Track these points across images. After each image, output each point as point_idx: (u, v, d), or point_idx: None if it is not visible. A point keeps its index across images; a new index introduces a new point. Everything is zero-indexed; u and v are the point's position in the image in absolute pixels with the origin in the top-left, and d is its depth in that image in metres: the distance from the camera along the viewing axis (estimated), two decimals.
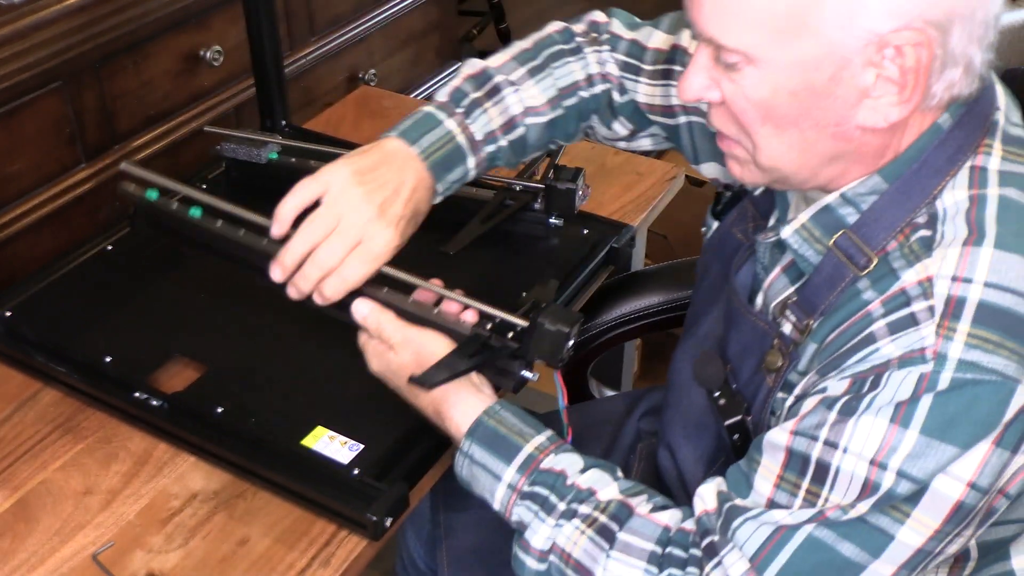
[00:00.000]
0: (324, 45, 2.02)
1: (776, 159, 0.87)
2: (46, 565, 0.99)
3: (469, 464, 0.98)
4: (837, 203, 0.89)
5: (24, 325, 1.21)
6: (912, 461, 0.79)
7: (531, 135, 1.13)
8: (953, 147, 0.86)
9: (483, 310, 1.02)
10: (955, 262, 0.81)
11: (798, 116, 0.83)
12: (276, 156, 1.43)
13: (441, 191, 1.07)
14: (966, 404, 0.78)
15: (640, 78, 1.14)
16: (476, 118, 1.09)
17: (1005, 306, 0.79)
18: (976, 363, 0.78)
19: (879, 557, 0.81)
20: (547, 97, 1.13)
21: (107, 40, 1.55)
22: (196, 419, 1.10)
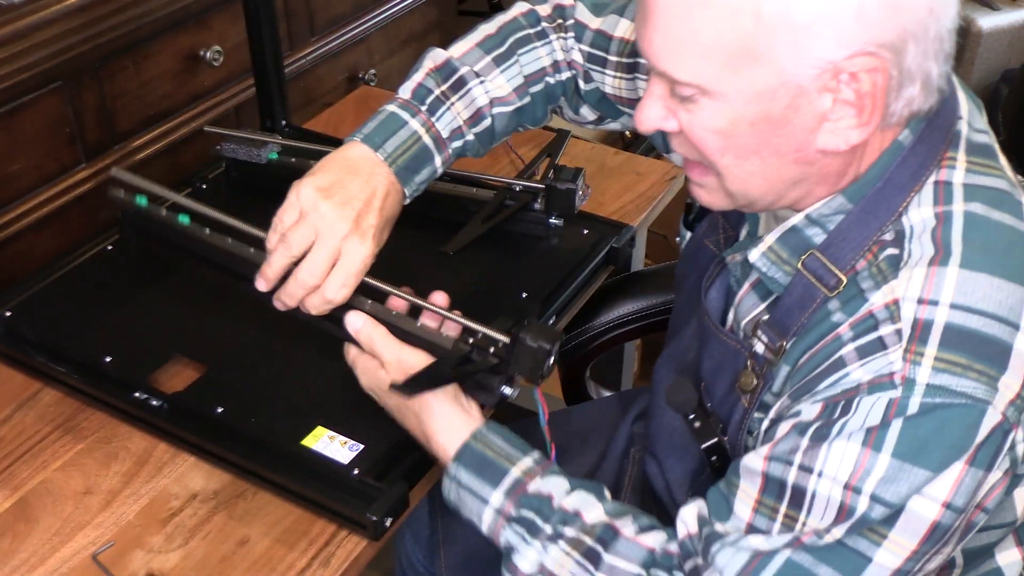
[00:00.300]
0: (324, 45, 2.02)
1: (740, 185, 0.87)
2: (46, 565, 0.99)
3: (456, 488, 0.98)
4: (803, 224, 0.89)
5: (24, 325, 1.21)
6: (885, 485, 0.78)
7: (498, 124, 1.12)
8: (916, 163, 0.85)
9: (466, 324, 1.02)
10: (920, 284, 0.81)
11: (758, 145, 0.83)
12: (276, 156, 1.43)
13: (409, 194, 1.07)
14: (936, 428, 0.78)
15: (606, 70, 1.13)
16: (441, 115, 1.08)
17: (971, 328, 0.79)
18: (945, 387, 0.78)
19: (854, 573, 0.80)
20: (514, 86, 1.12)
21: (107, 40, 1.55)
22: (196, 419, 1.10)
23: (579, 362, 1.50)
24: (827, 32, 0.76)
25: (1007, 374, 0.79)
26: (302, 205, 1.00)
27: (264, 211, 1.42)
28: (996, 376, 0.79)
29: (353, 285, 1.01)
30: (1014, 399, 0.80)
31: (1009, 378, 0.79)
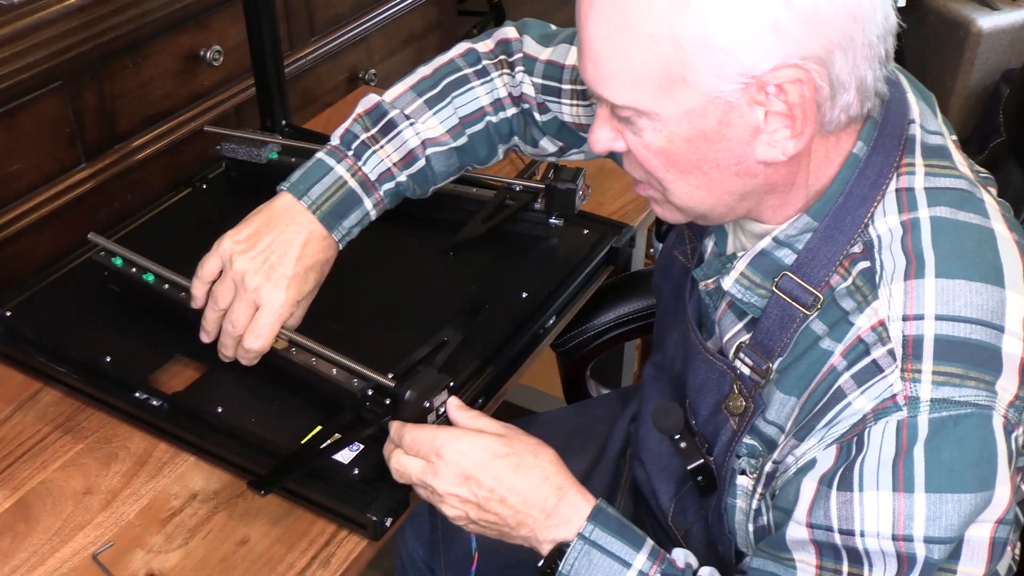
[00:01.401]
0: (324, 45, 2.02)
1: (687, 200, 0.89)
2: (46, 565, 0.99)
3: (588, 550, 0.91)
4: (771, 247, 0.90)
5: (24, 325, 1.21)
6: (932, 524, 0.79)
7: (436, 164, 1.14)
8: (873, 174, 0.86)
9: (362, 373, 1.05)
10: (902, 300, 0.82)
11: (698, 160, 0.84)
12: (276, 156, 1.43)
13: (339, 238, 1.11)
14: (956, 448, 0.79)
15: (562, 99, 1.15)
16: (367, 159, 1.11)
17: (960, 336, 0.80)
18: (948, 399, 0.79)
19: None
20: (447, 127, 1.14)
21: (107, 40, 1.55)
22: (196, 419, 1.10)
23: (579, 361, 1.50)
24: (745, 50, 0.78)
25: (1002, 377, 0.80)
26: (222, 259, 1.09)
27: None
28: (992, 381, 0.80)
29: (268, 335, 1.08)
30: (1013, 400, 0.81)
31: (1005, 381, 0.80)
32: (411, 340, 1.14)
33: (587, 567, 0.90)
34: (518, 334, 1.21)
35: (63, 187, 1.55)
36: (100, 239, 1.26)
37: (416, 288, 1.29)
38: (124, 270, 1.23)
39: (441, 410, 1.01)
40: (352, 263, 1.32)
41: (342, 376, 1.07)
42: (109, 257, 1.24)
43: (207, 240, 1.35)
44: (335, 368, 1.08)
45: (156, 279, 1.20)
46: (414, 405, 0.99)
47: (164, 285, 1.20)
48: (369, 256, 1.33)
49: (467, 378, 1.14)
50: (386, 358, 1.08)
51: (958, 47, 2.94)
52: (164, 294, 1.19)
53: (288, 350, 1.11)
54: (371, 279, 1.29)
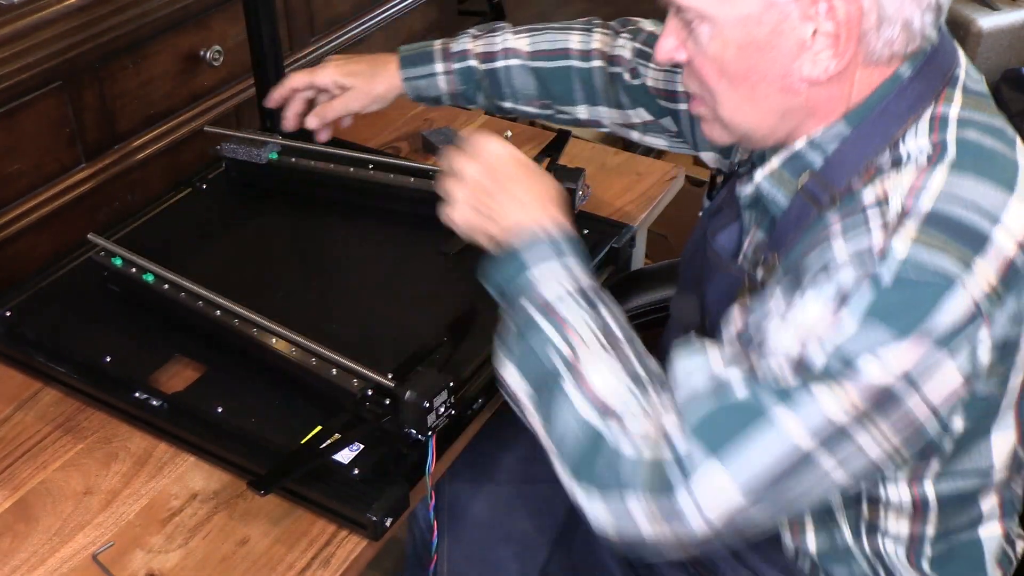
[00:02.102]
0: (324, 45, 2.02)
1: (734, 113, 0.94)
2: (46, 565, 0.99)
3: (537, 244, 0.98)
4: (805, 149, 0.94)
5: (24, 325, 1.21)
6: (844, 341, 0.81)
7: (514, 77, 1.31)
8: (914, 95, 0.91)
9: (362, 373, 1.06)
10: (912, 179, 0.85)
11: (747, 70, 0.90)
12: (276, 156, 1.43)
13: (404, 77, 1.34)
14: (906, 297, 0.81)
15: (651, 63, 1.25)
16: (458, 39, 1.34)
17: (954, 213, 0.83)
18: (919, 262, 0.81)
19: (796, 415, 0.82)
20: (532, 49, 1.30)
21: (107, 40, 1.54)
22: (196, 419, 1.10)
23: None
24: None
25: (983, 258, 0.82)
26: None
27: (264, 211, 1.42)
28: (971, 260, 0.81)
29: (309, 75, 1.38)
30: (989, 292, 0.82)
31: (985, 263, 0.82)
32: (411, 340, 1.14)
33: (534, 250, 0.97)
34: None
35: (63, 187, 1.55)
36: (100, 239, 1.26)
37: (416, 288, 1.29)
38: (124, 270, 1.23)
39: (441, 410, 1.01)
40: (352, 263, 1.32)
41: (342, 376, 1.07)
42: (109, 257, 1.24)
43: (207, 240, 1.36)
44: (335, 368, 1.08)
45: (156, 279, 1.21)
46: (414, 405, 0.99)
47: (164, 285, 1.20)
48: (369, 256, 1.33)
49: (467, 378, 1.14)
50: (386, 358, 1.08)
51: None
52: (164, 294, 1.19)
53: (288, 350, 1.11)
54: (371, 279, 1.29)
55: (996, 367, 0.86)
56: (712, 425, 0.84)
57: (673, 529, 0.86)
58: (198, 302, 1.17)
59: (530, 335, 0.94)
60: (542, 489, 1.27)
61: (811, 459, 0.83)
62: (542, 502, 1.26)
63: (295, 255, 1.38)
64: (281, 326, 1.12)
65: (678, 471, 0.84)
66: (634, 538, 0.88)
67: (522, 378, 0.95)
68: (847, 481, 0.85)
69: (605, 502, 0.88)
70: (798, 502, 0.87)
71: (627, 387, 0.90)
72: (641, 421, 0.88)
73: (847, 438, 0.82)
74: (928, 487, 0.95)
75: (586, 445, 0.89)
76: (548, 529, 1.25)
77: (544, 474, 1.29)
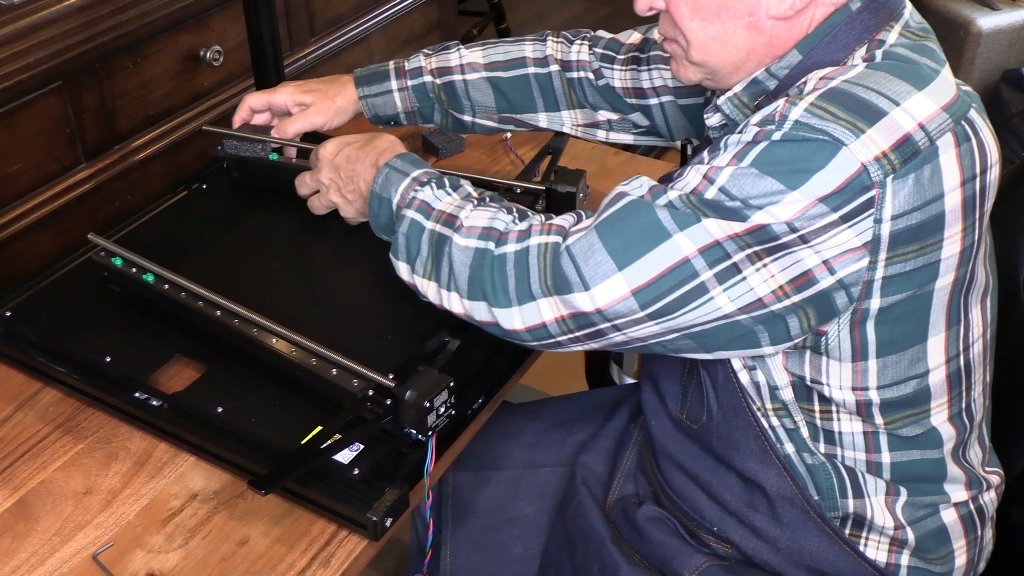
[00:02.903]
0: (324, 45, 2.03)
1: (704, 51, 1.03)
2: (46, 565, 0.99)
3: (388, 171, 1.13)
4: (763, 76, 1.03)
5: (24, 325, 1.21)
6: (733, 181, 0.91)
7: (472, 90, 1.36)
8: (860, 26, 0.99)
9: (362, 373, 1.06)
10: (828, 71, 0.96)
11: (719, 7, 1.00)
12: (276, 157, 1.43)
13: (360, 95, 1.38)
14: (791, 152, 0.89)
15: (615, 66, 1.34)
16: (411, 58, 1.38)
17: (854, 92, 0.92)
18: (809, 124, 0.90)
19: (684, 230, 0.92)
20: (488, 60, 1.36)
21: (107, 40, 1.55)
22: (196, 419, 1.10)
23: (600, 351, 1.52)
24: None
25: (874, 129, 0.89)
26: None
27: (264, 211, 1.42)
28: (862, 127, 0.89)
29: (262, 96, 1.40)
30: (880, 156, 0.88)
31: (876, 133, 0.89)
32: (411, 340, 1.14)
33: (388, 181, 1.13)
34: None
35: (63, 187, 1.55)
36: (100, 239, 1.26)
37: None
38: (124, 270, 1.23)
39: (441, 410, 1.01)
40: (352, 263, 1.32)
41: (342, 376, 1.07)
42: (109, 257, 1.24)
43: (207, 240, 1.36)
44: (335, 368, 1.08)
45: (156, 279, 1.21)
46: (414, 405, 0.99)
47: (164, 285, 1.20)
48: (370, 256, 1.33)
49: (467, 378, 1.14)
50: (386, 358, 1.08)
51: (958, 47, 2.94)
52: (164, 294, 1.19)
53: (288, 350, 1.12)
54: (371, 279, 1.29)
55: (906, 245, 0.91)
56: (611, 223, 0.95)
57: (567, 304, 0.97)
58: (198, 302, 1.17)
59: (401, 226, 1.08)
60: (543, 474, 1.30)
61: (695, 272, 0.92)
62: (544, 485, 1.30)
63: (295, 255, 1.38)
64: (281, 326, 1.12)
65: (569, 257, 0.96)
66: (537, 325, 1.00)
67: (407, 264, 1.09)
68: (740, 316, 0.93)
69: (500, 305, 1.01)
70: (693, 326, 0.95)
71: (495, 211, 1.05)
72: (518, 224, 1.03)
73: (725, 255, 0.91)
74: (872, 393, 1.00)
75: (473, 265, 1.02)
76: (548, 510, 1.28)
77: (546, 459, 1.32)
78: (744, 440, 1.06)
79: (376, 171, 1.14)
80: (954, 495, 1.07)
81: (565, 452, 1.32)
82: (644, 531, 1.15)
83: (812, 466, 1.05)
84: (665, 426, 1.15)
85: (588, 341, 1.00)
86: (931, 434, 1.04)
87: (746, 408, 1.05)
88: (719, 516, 1.11)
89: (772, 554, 1.09)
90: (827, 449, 1.05)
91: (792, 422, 1.05)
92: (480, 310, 1.03)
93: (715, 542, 1.12)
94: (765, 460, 1.06)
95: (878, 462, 1.04)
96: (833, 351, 0.98)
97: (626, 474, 1.25)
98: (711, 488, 1.11)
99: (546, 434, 1.34)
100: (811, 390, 1.02)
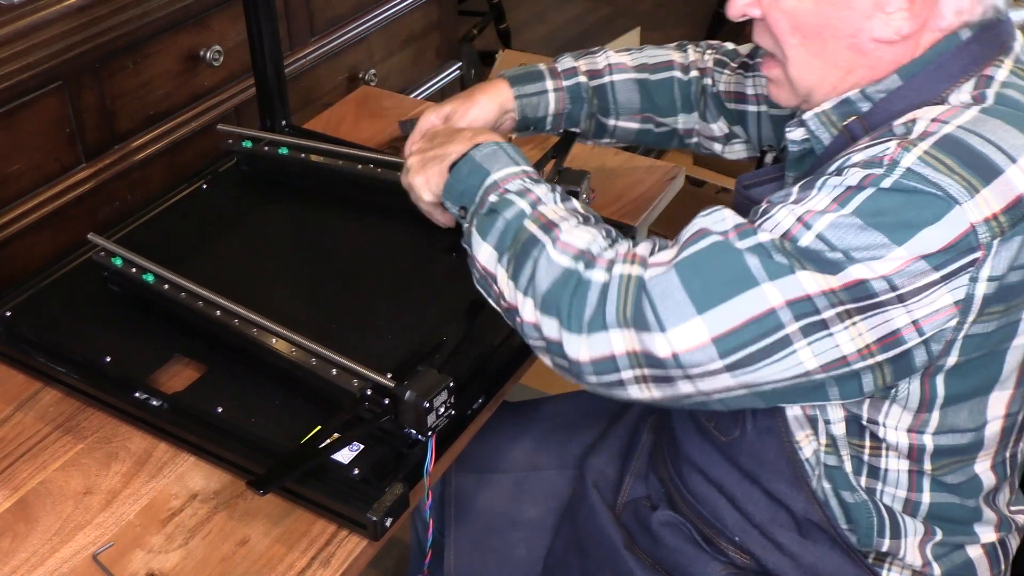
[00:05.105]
0: (324, 45, 2.03)
1: (802, 69, 0.99)
2: (46, 565, 0.99)
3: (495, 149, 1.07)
4: (856, 97, 0.98)
5: (24, 325, 1.21)
6: (834, 230, 0.85)
7: (619, 91, 1.32)
8: (968, 57, 0.93)
9: (362, 373, 1.05)
10: (940, 112, 0.89)
11: (821, 26, 0.95)
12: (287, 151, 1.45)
13: (515, 95, 1.30)
14: (900, 204, 0.84)
15: (724, 71, 1.32)
16: (560, 60, 1.34)
17: (969, 143, 0.86)
18: (922, 175, 0.84)
19: (773, 280, 0.86)
20: (635, 64, 1.34)
21: (107, 40, 1.55)
22: (196, 419, 1.10)
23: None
24: None
25: (989, 189, 0.84)
26: None
27: (264, 211, 1.42)
28: (977, 186, 0.84)
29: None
30: (989, 218, 0.83)
31: (990, 194, 0.84)
32: (410, 340, 1.14)
33: (492, 157, 1.06)
34: (518, 334, 1.21)
35: (63, 187, 1.55)
36: (100, 239, 1.26)
37: (416, 288, 1.29)
38: (124, 270, 1.23)
39: (441, 410, 1.01)
40: (352, 263, 1.32)
41: (342, 376, 1.07)
42: (109, 257, 1.25)
43: (207, 240, 1.36)
44: (335, 368, 1.08)
45: (156, 279, 1.21)
46: (414, 405, 0.99)
47: (164, 285, 1.20)
48: (370, 256, 1.33)
49: (467, 378, 1.14)
50: (386, 358, 1.08)
51: None
52: (164, 294, 1.19)
53: (288, 350, 1.12)
54: (371, 279, 1.29)
55: (994, 305, 0.87)
56: (693, 264, 0.89)
57: (641, 341, 0.90)
58: (198, 302, 1.17)
59: (506, 211, 1.01)
60: (546, 476, 1.30)
61: (780, 324, 0.86)
62: (547, 488, 1.29)
63: (295, 255, 1.38)
64: (281, 326, 1.12)
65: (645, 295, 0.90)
66: (605, 357, 0.92)
67: (494, 250, 1.01)
68: (820, 373, 0.88)
69: (573, 331, 0.94)
70: (768, 383, 0.89)
71: (595, 235, 0.98)
72: (610, 250, 0.96)
73: (814, 309, 0.85)
74: (927, 438, 0.98)
75: (558, 282, 0.95)
76: (553, 513, 1.27)
77: (548, 462, 1.32)
78: (775, 462, 1.04)
79: (474, 145, 1.07)
80: (983, 536, 1.06)
81: (569, 454, 1.31)
82: (659, 536, 1.14)
83: (852, 504, 1.03)
84: (691, 433, 1.12)
85: (652, 386, 0.93)
86: (973, 482, 1.02)
87: (782, 430, 1.02)
88: (741, 527, 1.09)
89: (793, 569, 1.07)
90: (868, 483, 1.02)
91: (837, 459, 1.01)
92: (551, 327, 0.96)
93: (733, 551, 1.10)
94: (795, 485, 1.04)
95: (917, 501, 1.02)
96: (899, 399, 0.95)
97: (636, 476, 1.23)
98: (735, 500, 1.09)
99: (548, 436, 1.34)
100: (864, 428, 0.99)
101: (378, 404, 1.03)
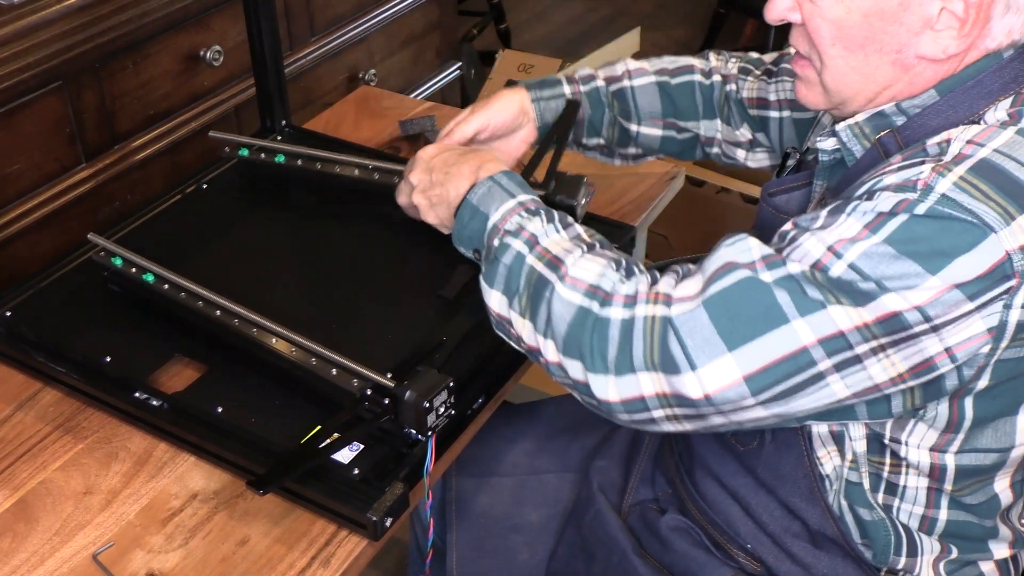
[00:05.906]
0: (324, 45, 2.03)
1: (839, 79, 0.96)
2: (46, 565, 0.99)
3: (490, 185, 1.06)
4: (891, 111, 0.96)
5: (24, 325, 1.21)
6: (867, 260, 0.83)
7: (639, 96, 1.30)
8: (1009, 76, 0.92)
9: (362, 373, 1.05)
10: (976, 132, 0.87)
11: (866, 39, 0.92)
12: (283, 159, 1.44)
13: (532, 98, 1.28)
14: (935, 232, 0.82)
15: (748, 78, 1.31)
16: (577, 69, 1.33)
17: (1006, 167, 0.84)
18: (957, 201, 0.82)
19: (804, 316, 0.84)
20: (654, 68, 1.32)
21: (107, 40, 1.55)
22: (196, 419, 1.10)
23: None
24: None
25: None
26: None
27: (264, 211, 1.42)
28: (1013, 213, 0.82)
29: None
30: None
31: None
32: (410, 340, 1.14)
33: (488, 197, 1.06)
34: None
35: (63, 187, 1.55)
36: (100, 239, 1.26)
37: (416, 288, 1.29)
38: (124, 270, 1.23)
39: (441, 410, 1.01)
40: (352, 263, 1.32)
41: (342, 376, 1.07)
42: (109, 257, 1.25)
43: (207, 240, 1.36)
44: (334, 368, 1.08)
45: (156, 279, 1.21)
46: (414, 405, 0.99)
47: (164, 285, 1.20)
48: (369, 256, 1.33)
49: (467, 378, 1.14)
50: (385, 358, 1.08)
51: None
52: (164, 294, 1.19)
53: (288, 350, 1.12)
54: (371, 279, 1.29)
55: None
56: (722, 301, 0.87)
57: (670, 383, 0.88)
58: (198, 302, 1.17)
59: (504, 256, 1.00)
60: (549, 479, 1.29)
61: (813, 362, 0.84)
62: (549, 492, 1.29)
63: (295, 255, 1.38)
64: (281, 326, 1.12)
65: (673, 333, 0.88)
66: (635, 399, 0.91)
67: (503, 296, 1.00)
68: (852, 400, 0.87)
69: (598, 372, 0.92)
70: (801, 411, 0.88)
71: (604, 265, 0.95)
72: (625, 284, 0.94)
73: (847, 344, 0.83)
74: (949, 458, 0.97)
75: (574, 322, 0.93)
76: (556, 517, 1.27)
77: (550, 465, 1.31)
78: (793, 475, 1.03)
79: (474, 182, 1.08)
80: (997, 552, 1.06)
81: (571, 458, 1.31)
82: (668, 541, 1.14)
83: (868, 522, 1.03)
84: (708, 439, 1.12)
85: (685, 421, 0.92)
86: (992, 501, 1.01)
87: (803, 445, 1.02)
88: (754, 535, 1.09)
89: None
90: (885, 500, 1.02)
91: (857, 475, 1.01)
92: (575, 368, 0.94)
93: (744, 558, 1.10)
94: (811, 499, 1.03)
95: (934, 518, 1.01)
96: (927, 419, 0.95)
97: (641, 479, 1.23)
98: (750, 508, 1.08)
99: (549, 439, 1.34)
100: (886, 447, 0.99)
101: (378, 404, 1.03)
